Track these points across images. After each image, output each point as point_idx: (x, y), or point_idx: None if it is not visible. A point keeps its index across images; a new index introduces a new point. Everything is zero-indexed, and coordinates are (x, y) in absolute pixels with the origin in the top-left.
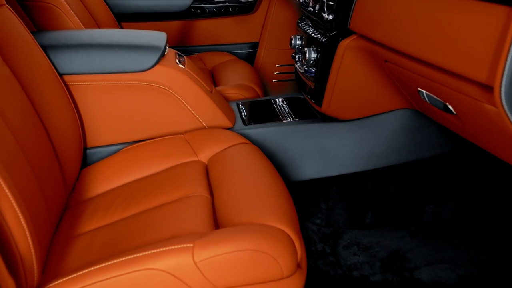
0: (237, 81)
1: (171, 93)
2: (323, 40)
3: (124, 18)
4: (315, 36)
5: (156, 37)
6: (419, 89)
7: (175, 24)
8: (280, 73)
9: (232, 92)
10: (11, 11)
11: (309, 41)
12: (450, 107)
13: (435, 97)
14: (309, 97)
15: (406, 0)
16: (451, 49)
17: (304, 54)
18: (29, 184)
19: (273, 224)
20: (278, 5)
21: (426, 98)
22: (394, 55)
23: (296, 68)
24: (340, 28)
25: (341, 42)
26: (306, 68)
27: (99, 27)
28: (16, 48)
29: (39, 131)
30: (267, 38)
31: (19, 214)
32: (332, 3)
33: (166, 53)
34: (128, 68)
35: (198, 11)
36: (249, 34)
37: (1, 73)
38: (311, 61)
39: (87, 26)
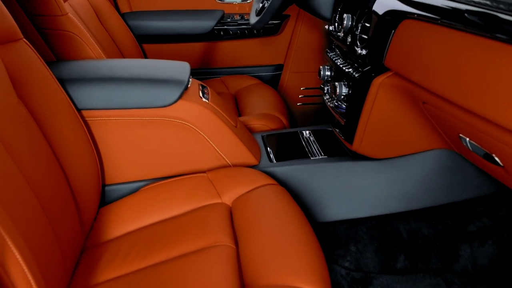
0: (262, 110)
1: (194, 129)
2: (355, 75)
3: (146, 39)
4: (346, 70)
5: (179, 69)
6: (461, 135)
7: (197, 46)
8: (305, 96)
9: (257, 123)
10: (28, 45)
11: (339, 73)
12: (496, 158)
13: (479, 146)
14: (338, 131)
15: (450, 41)
16: (501, 101)
17: (334, 88)
18: (40, 230)
19: (304, 286)
20: (304, 26)
21: (469, 146)
22: (434, 98)
23: (324, 100)
24: (374, 64)
25: (375, 79)
26: (336, 103)
27: (120, 50)
28: (33, 84)
29: (54, 171)
30: (292, 60)
31: (25, 269)
32: (366, 37)
33: (189, 86)
34: (150, 103)
35: (222, 33)
36: (273, 56)
37: (16, 112)
38: (342, 96)
39: (108, 49)
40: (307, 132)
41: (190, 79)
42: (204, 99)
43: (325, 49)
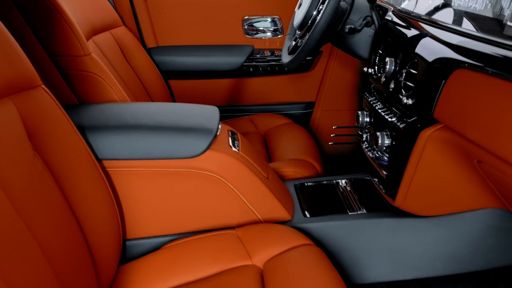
0: (294, 154)
1: (223, 181)
2: (400, 125)
3: (172, 75)
4: (389, 119)
5: (208, 115)
6: None
7: (225, 82)
8: (337, 135)
9: (289, 171)
10: (46, 92)
11: (379, 121)
12: None
13: None
14: (377, 181)
15: None
16: None
17: (375, 138)
18: None
19: None
20: (337, 63)
21: None
22: (492, 158)
23: (362, 148)
24: (421, 115)
25: (422, 132)
26: (377, 155)
27: (145, 87)
28: (51, 134)
29: (70, 227)
30: (324, 98)
31: None
32: (412, 85)
33: (218, 133)
34: (176, 154)
35: (251, 69)
36: (304, 93)
37: (31, 168)
38: (384, 148)
39: (132, 87)
40: (343, 181)
41: (220, 126)
42: (234, 149)
43: (359, 86)
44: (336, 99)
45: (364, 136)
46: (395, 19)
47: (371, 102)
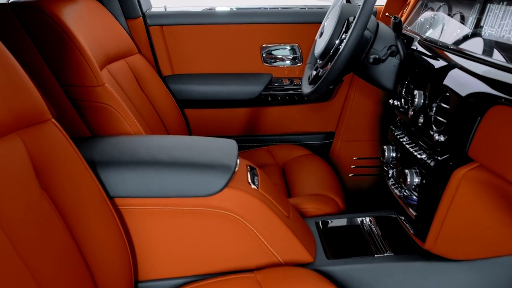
0: (314, 189)
1: (242, 221)
2: (430, 163)
3: (188, 104)
4: (418, 155)
5: (226, 150)
6: None
7: (242, 112)
8: (357, 166)
9: (310, 207)
10: (56, 126)
11: (407, 157)
12: None
13: None
14: (403, 219)
15: None
16: None
17: (404, 176)
18: None
19: None
20: (358, 92)
21: None
22: None
23: (388, 184)
24: (454, 152)
25: (456, 171)
26: (405, 193)
27: (160, 117)
28: (59, 171)
29: (78, 270)
30: (344, 128)
31: None
32: (445, 121)
33: (236, 169)
34: (192, 192)
35: (269, 98)
36: (324, 123)
37: (37, 209)
38: (413, 186)
39: (147, 117)
40: (368, 219)
41: (238, 161)
42: (253, 186)
43: (381, 116)
44: (357, 129)
45: (390, 172)
46: (421, 49)
47: (398, 136)
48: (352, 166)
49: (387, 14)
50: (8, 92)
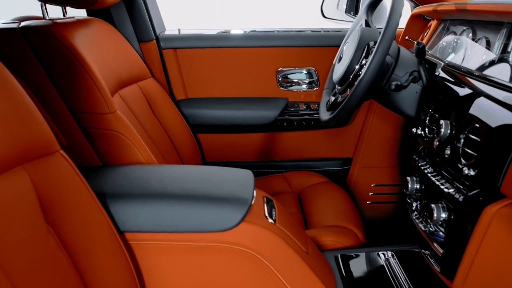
0: (332, 220)
1: (258, 257)
2: (459, 198)
3: (201, 129)
4: (445, 189)
5: (242, 182)
6: None
7: (257, 137)
8: (376, 194)
9: (329, 240)
10: (64, 158)
11: (432, 189)
12: None
13: None
14: (428, 255)
15: None
16: None
17: (430, 211)
18: None
19: None
20: (376, 117)
21: None
22: None
23: (412, 218)
24: (485, 187)
25: (487, 207)
26: (431, 229)
27: (172, 142)
28: (67, 206)
29: None
30: (362, 154)
31: None
32: (474, 153)
33: (253, 202)
34: (206, 227)
35: (285, 123)
36: (341, 149)
37: (43, 246)
38: (440, 222)
39: (159, 143)
40: (389, 253)
41: (255, 193)
42: (270, 220)
43: (400, 143)
44: (376, 156)
45: (414, 204)
46: (443, 74)
47: (422, 167)
48: (370, 193)
49: (406, 37)
50: (14, 123)
